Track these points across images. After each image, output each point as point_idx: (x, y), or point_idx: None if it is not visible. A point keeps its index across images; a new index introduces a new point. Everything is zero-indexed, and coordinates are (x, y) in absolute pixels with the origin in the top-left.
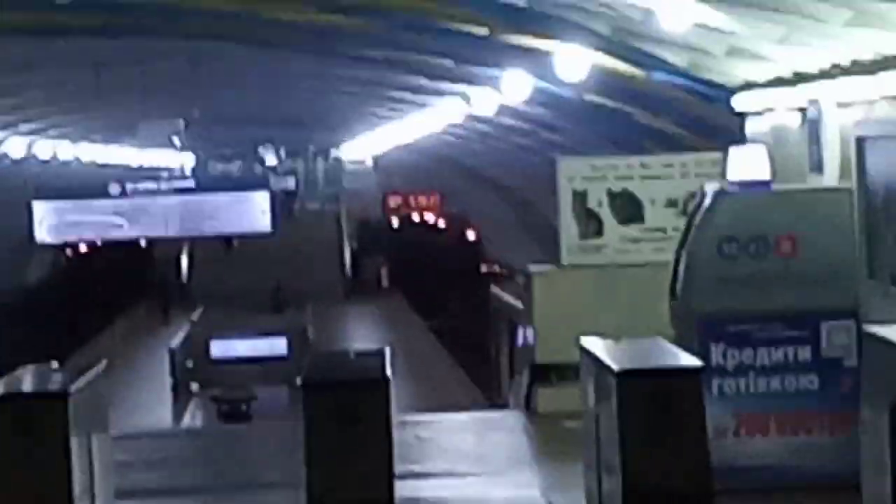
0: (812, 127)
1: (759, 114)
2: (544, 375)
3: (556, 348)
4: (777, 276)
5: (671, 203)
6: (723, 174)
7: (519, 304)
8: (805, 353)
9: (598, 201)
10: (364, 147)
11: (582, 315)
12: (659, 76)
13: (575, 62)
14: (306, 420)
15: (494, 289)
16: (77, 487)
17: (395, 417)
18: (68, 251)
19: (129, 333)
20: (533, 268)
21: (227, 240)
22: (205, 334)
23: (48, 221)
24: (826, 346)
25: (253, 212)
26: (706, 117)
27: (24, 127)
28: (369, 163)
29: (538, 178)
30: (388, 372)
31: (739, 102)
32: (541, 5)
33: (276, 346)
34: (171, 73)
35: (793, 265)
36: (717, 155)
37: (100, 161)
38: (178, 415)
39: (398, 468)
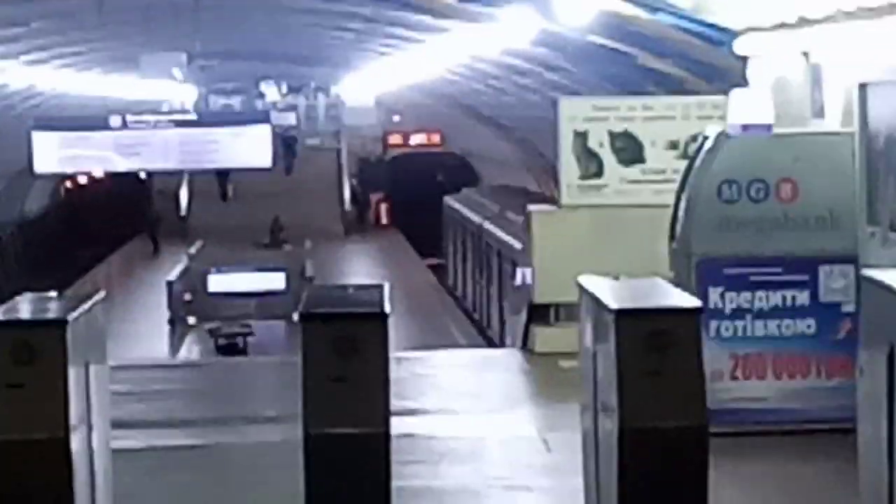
0: (814, 72)
1: (762, 57)
2: (542, 315)
3: (555, 288)
4: (776, 219)
5: (672, 145)
6: (724, 117)
7: (509, 241)
8: (803, 297)
9: (598, 142)
10: (366, 84)
11: (581, 255)
12: (663, 18)
13: (579, 2)
14: (303, 353)
15: (487, 224)
16: (74, 416)
17: (392, 354)
18: (67, 183)
19: (127, 265)
20: (532, 208)
21: (222, 190)
22: (203, 268)
23: (48, 152)
24: (824, 290)
25: (253, 146)
26: (709, 60)
27: (25, 57)
28: (370, 100)
29: (539, 119)
30: (387, 307)
31: (742, 46)
32: None
33: (274, 280)
34: (175, 6)
35: (792, 209)
36: (719, 98)
37: (101, 93)
38: (174, 348)
39: (394, 405)
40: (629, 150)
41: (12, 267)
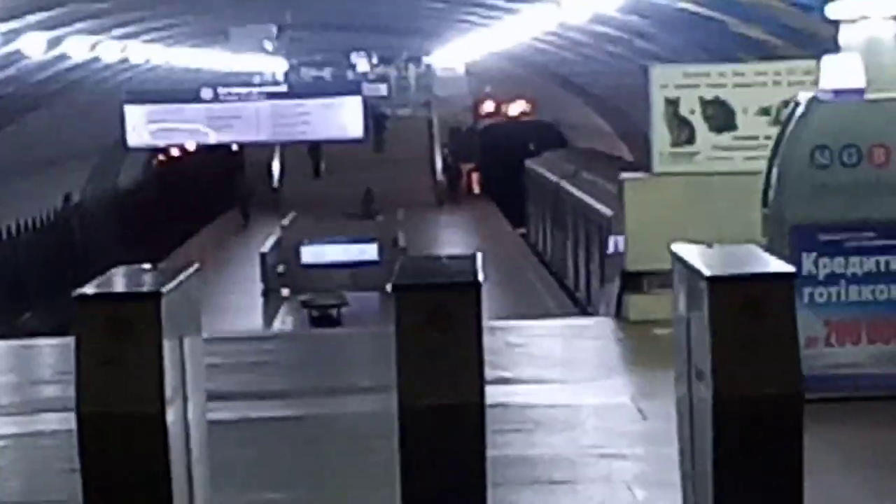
0: None
1: (853, 22)
2: (635, 283)
3: (647, 256)
4: (869, 184)
5: (764, 111)
6: (816, 83)
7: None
8: None
9: (690, 109)
10: (456, 54)
11: (673, 223)
12: None
13: None
14: (397, 323)
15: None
16: (169, 389)
17: (486, 323)
18: (160, 156)
19: (220, 238)
20: (625, 175)
21: (315, 166)
22: (295, 239)
23: (140, 125)
24: None
25: (345, 117)
26: (800, 26)
27: (117, 31)
28: (461, 69)
29: (630, 87)
30: (480, 276)
31: (833, 10)
32: None
33: (367, 251)
34: None
35: (885, 174)
36: (810, 63)
37: (192, 66)
38: (268, 320)
39: (488, 374)
40: (720, 116)
41: (106, 240)
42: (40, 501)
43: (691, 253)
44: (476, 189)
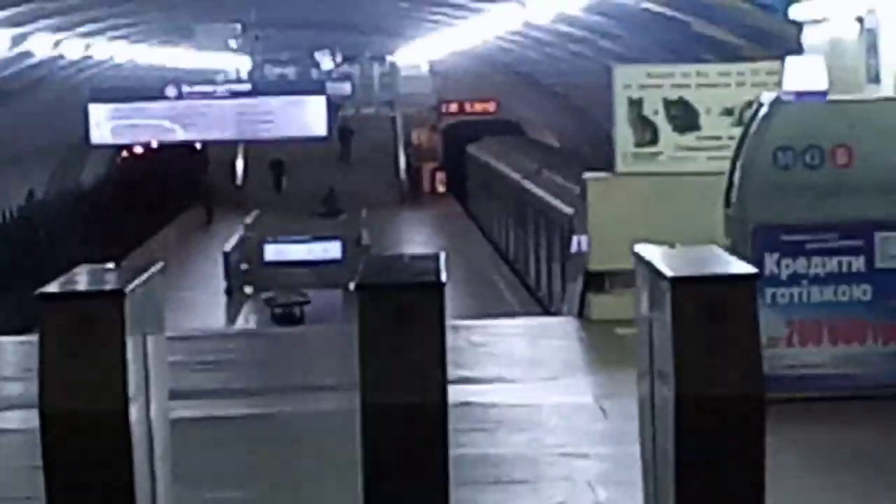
0: (869, 37)
1: (817, 23)
2: (598, 282)
3: (610, 255)
4: (832, 185)
5: (727, 112)
6: (779, 84)
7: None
8: (859, 263)
9: (653, 109)
10: (420, 53)
11: (636, 223)
12: None
13: None
14: (360, 322)
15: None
16: (132, 387)
17: (448, 322)
18: (124, 153)
19: (184, 236)
20: (588, 175)
21: (277, 181)
22: (259, 237)
23: (104, 123)
24: (880, 256)
25: (309, 116)
26: (763, 26)
27: (81, 28)
28: (425, 68)
29: (593, 86)
30: (444, 276)
31: (797, 11)
32: None
33: (331, 249)
34: None
35: (848, 175)
36: (773, 64)
37: (157, 63)
38: (231, 317)
39: (450, 373)
40: (684, 117)
41: (70, 237)
42: (4, 498)
43: (654, 253)
44: (441, 188)
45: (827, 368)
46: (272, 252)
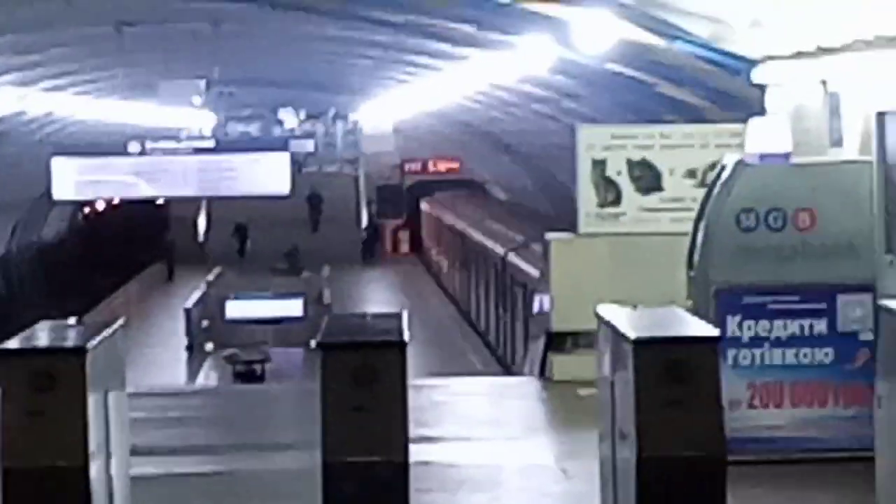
0: (833, 101)
1: (779, 86)
2: (560, 343)
3: (573, 316)
4: (794, 248)
5: (690, 173)
6: (742, 146)
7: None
8: (821, 326)
9: (617, 170)
10: (384, 111)
11: (599, 283)
12: (681, 47)
13: (597, 31)
14: (322, 381)
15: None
16: (93, 443)
17: (411, 381)
18: (86, 209)
19: (145, 292)
20: (551, 235)
21: (241, 246)
22: (220, 295)
23: (67, 179)
24: (842, 319)
25: (271, 173)
26: (727, 89)
27: (44, 84)
28: (389, 127)
29: (557, 146)
30: (405, 335)
31: (760, 75)
32: None
33: (292, 307)
34: (193, 33)
35: (810, 238)
36: (737, 126)
37: (120, 119)
38: (192, 374)
39: (412, 432)
40: (647, 178)
41: (31, 293)
42: None
43: (616, 314)
44: (405, 248)
45: (788, 431)
46: (233, 309)
